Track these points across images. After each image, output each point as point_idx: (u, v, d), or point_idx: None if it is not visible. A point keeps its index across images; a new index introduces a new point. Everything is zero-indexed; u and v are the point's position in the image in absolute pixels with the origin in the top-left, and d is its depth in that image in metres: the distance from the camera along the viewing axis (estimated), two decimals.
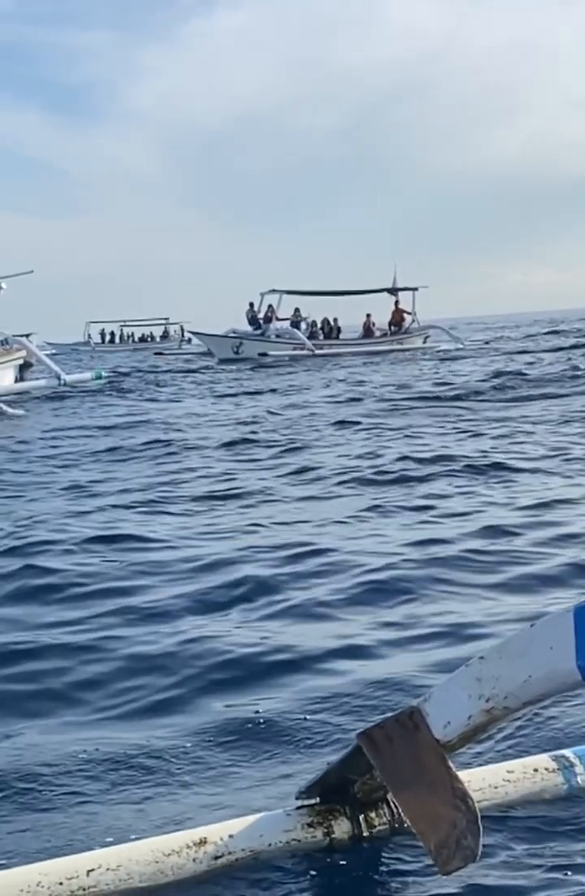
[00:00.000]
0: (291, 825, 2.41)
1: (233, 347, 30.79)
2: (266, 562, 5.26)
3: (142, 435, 12.08)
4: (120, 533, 6.12)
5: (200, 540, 5.95)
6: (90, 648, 4.00)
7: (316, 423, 12.46)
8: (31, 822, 2.67)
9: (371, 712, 3.22)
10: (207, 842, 2.35)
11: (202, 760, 3.04)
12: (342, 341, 33.52)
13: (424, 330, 34.63)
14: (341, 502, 7.11)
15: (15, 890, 2.21)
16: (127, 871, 2.28)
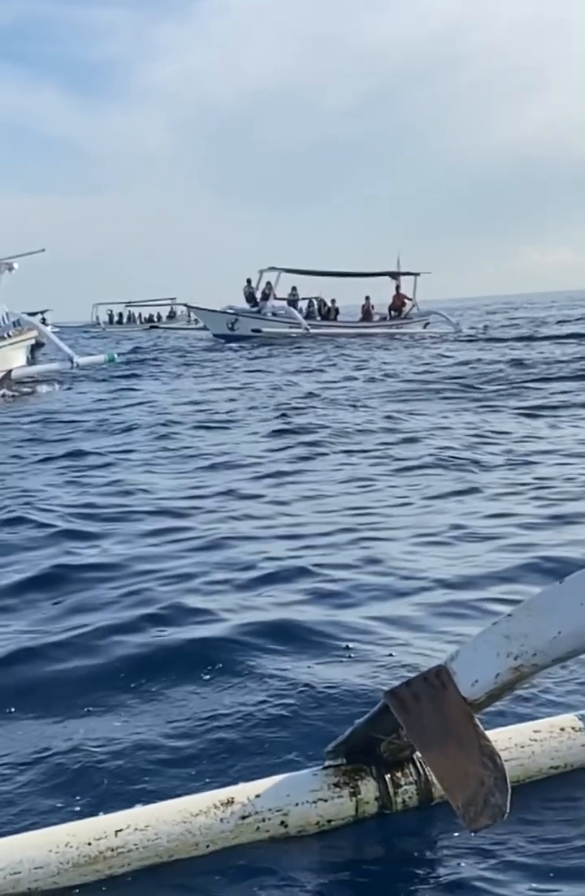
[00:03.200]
0: (317, 785, 2.36)
1: (228, 323, 30.39)
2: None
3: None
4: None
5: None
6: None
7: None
8: (61, 784, 2.63)
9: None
10: (234, 802, 2.30)
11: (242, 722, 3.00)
12: (339, 323, 32.79)
13: (424, 316, 34.03)
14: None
15: (43, 851, 2.16)
16: (155, 831, 2.23)
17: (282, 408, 11.97)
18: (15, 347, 18.09)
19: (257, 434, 9.91)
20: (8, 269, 17.80)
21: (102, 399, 14.50)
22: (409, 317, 33.29)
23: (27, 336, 18.35)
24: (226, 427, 10.63)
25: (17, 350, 18.18)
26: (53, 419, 11.98)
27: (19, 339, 18.15)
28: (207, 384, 16.37)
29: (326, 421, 10.54)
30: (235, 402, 13.15)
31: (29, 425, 11.45)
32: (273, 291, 31.36)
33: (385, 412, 11.14)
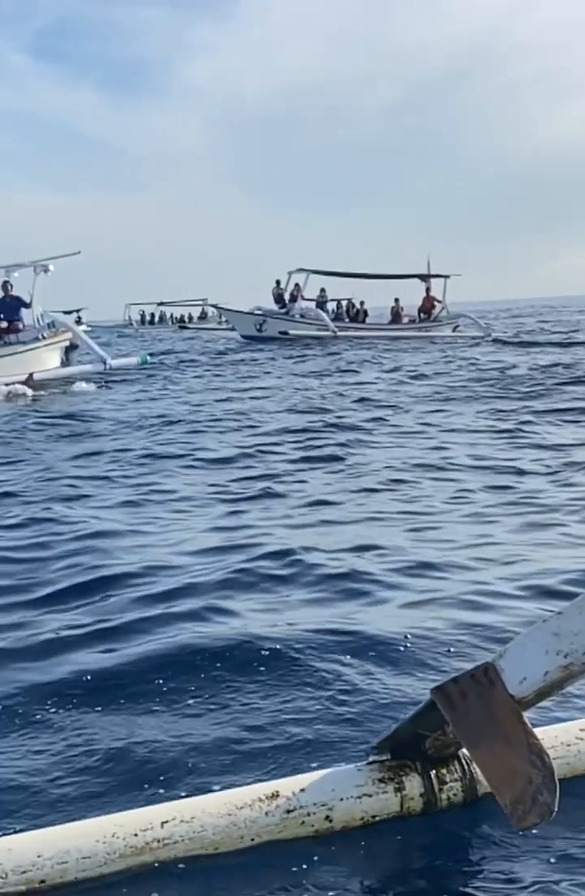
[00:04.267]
0: (362, 780, 2.34)
1: (256, 325, 30.31)
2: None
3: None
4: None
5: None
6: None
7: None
8: (107, 774, 2.63)
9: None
10: (279, 795, 2.29)
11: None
12: (368, 325, 32.57)
13: (454, 319, 33.71)
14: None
15: (91, 841, 2.16)
16: (200, 823, 2.22)
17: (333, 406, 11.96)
18: (49, 349, 18.14)
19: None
20: (43, 270, 17.87)
21: (139, 399, 14.52)
22: (438, 319, 32.96)
23: (62, 338, 18.37)
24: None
25: (52, 352, 18.22)
26: (96, 418, 12.02)
27: (54, 341, 18.18)
28: (248, 385, 16.26)
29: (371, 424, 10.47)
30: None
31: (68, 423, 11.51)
32: (301, 293, 31.24)
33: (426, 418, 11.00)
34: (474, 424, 10.19)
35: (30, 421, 11.64)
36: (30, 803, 2.52)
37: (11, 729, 2.96)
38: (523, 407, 11.53)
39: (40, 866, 2.11)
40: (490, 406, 11.80)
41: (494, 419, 10.57)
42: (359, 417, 11.06)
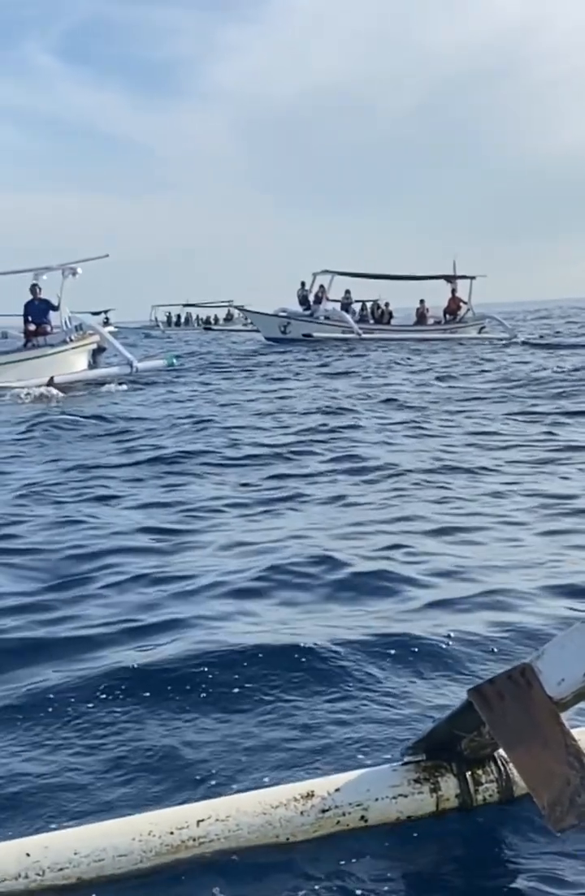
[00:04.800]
0: (397, 780, 2.33)
1: (280, 327, 30.21)
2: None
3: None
4: None
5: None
6: None
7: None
8: (142, 772, 2.64)
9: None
10: (314, 795, 2.28)
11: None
12: (393, 327, 32.31)
13: (479, 320, 33.40)
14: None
15: (127, 839, 2.16)
16: (236, 821, 2.22)
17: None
18: (77, 352, 18.20)
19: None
20: (72, 273, 17.91)
21: (167, 401, 14.54)
22: (464, 321, 32.69)
23: (89, 340, 18.42)
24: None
25: (79, 354, 18.28)
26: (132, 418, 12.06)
27: (81, 344, 18.24)
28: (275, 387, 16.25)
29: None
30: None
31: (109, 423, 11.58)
32: (326, 294, 31.11)
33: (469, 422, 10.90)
34: (503, 427, 10.12)
35: (60, 422, 11.70)
36: (66, 800, 2.54)
37: (48, 725, 2.98)
38: (554, 408, 11.43)
39: (77, 863, 2.12)
40: (519, 408, 11.71)
41: (524, 421, 10.49)
42: (386, 419, 11.02)
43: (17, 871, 2.08)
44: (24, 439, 10.39)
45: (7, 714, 3.07)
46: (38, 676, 3.36)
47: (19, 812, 2.49)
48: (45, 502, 6.68)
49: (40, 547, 5.35)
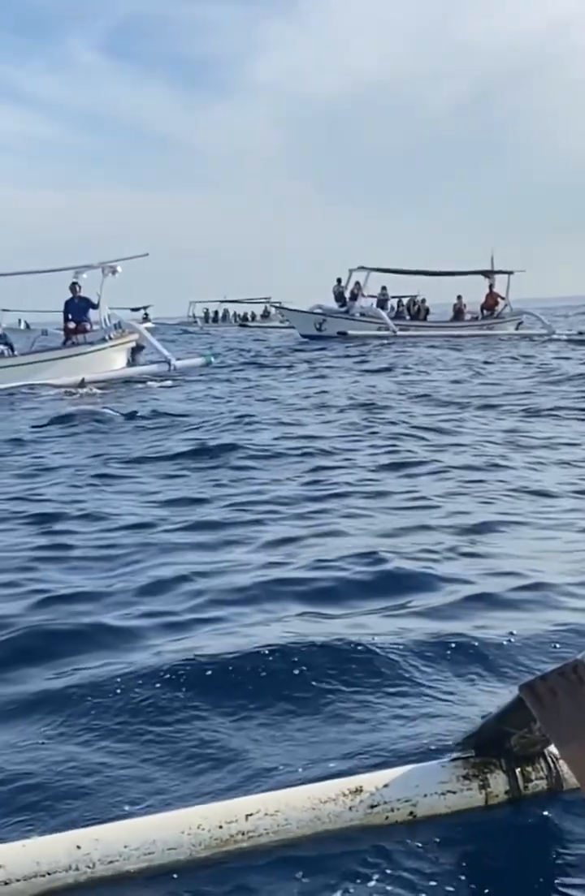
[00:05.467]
0: (446, 777, 2.31)
1: (315, 324, 30.04)
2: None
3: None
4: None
5: None
6: None
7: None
8: (191, 766, 2.64)
9: None
10: (362, 790, 2.27)
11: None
12: (429, 323, 31.97)
13: (517, 316, 32.98)
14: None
15: (176, 832, 2.17)
16: (285, 816, 2.22)
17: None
18: (116, 350, 18.28)
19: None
20: (111, 272, 17.97)
21: (207, 397, 14.54)
22: (501, 316, 32.32)
23: (128, 339, 18.49)
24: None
25: (118, 352, 18.35)
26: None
27: (120, 342, 18.31)
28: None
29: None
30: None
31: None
32: (362, 291, 30.94)
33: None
34: (544, 424, 10.01)
35: (100, 417, 11.77)
36: (116, 793, 2.55)
37: (98, 716, 2.99)
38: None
39: (127, 856, 2.13)
40: (560, 404, 11.59)
41: (567, 418, 10.38)
42: (424, 415, 10.95)
43: (67, 863, 2.09)
44: (66, 435, 10.48)
45: (58, 704, 3.10)
46: (91, 667, 3.38)
47: (70, 804, 2.51)
48: (90, 496, 6.74)
49: (88, 541, 5.40)
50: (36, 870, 2.07)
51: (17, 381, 16.21)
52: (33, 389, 15.96)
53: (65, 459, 8.66)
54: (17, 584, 4.57)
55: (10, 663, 3.49)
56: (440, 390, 13.89)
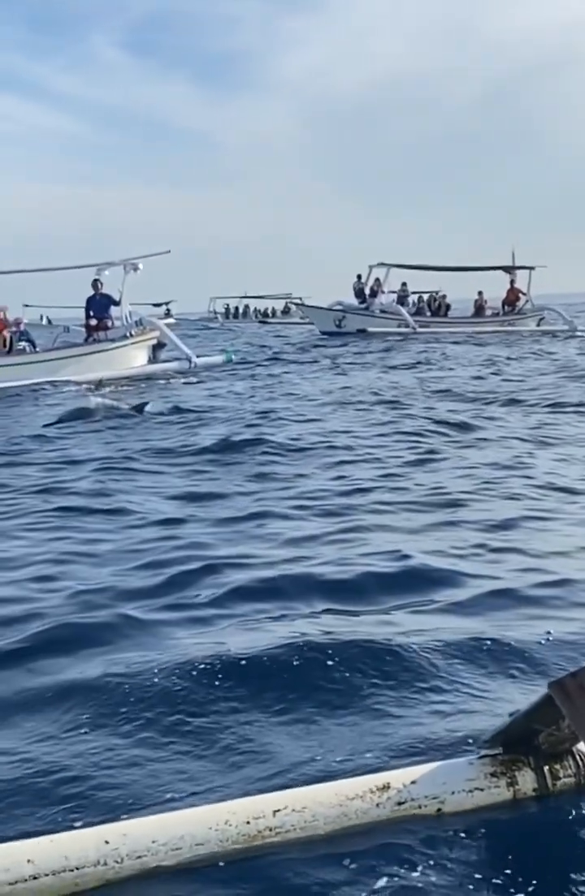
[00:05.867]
0: (474, 774, 2.30)
1: (335, 320, 29.95)
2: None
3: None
4: None
5: None
6: None
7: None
8: (219, 761, 2.64)
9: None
10: (390, 787, 2.26)
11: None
12: (450, 319, 31.64)
13: (538, 311, 32.70)
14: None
15: (204, 828, 2.17)
16: (312, 812, 2.22)
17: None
18: (137, 347, 18.30)
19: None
20: (133, 269, 18.01)
21: (231, 394, 14.51)
22: (523, 312, 32.10)
23: (149, 336, 18.51)
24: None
25: (140, 350, 18.38)
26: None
27: (141, 339, 18.34)
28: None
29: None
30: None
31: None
32: (382, 287, 30.81)
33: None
34: (568, 421, 9.94)
35: (123, 413, 11.79)
36: (145, 787, 2.55)
37: (122, 713, 3.00)
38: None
39: (155, 851, 2.13)
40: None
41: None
42: (449, 412, 10.88)
43: (96, 857, 2.10)
44: (88, 431, 10.52)
45: (89, 697, 3.11)
46: (121, 661, 3.38)
47: (99, 797, 2.51)
48: (116, 491, 6.76)
49: (116, 534, 5.42)
50: (64, 864, 2.08)
51: (40, 378, 16.27)
52: (55, 386, 16.03)
53: (89, 455, 8.69)
54: (49, 578, 4.59)
55: (43, 656, 3.50)
56: (463, 386, 13.82)
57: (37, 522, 5.90)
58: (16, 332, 17.92)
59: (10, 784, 2.62)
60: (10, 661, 3.47)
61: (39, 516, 6.06)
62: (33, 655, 3.51)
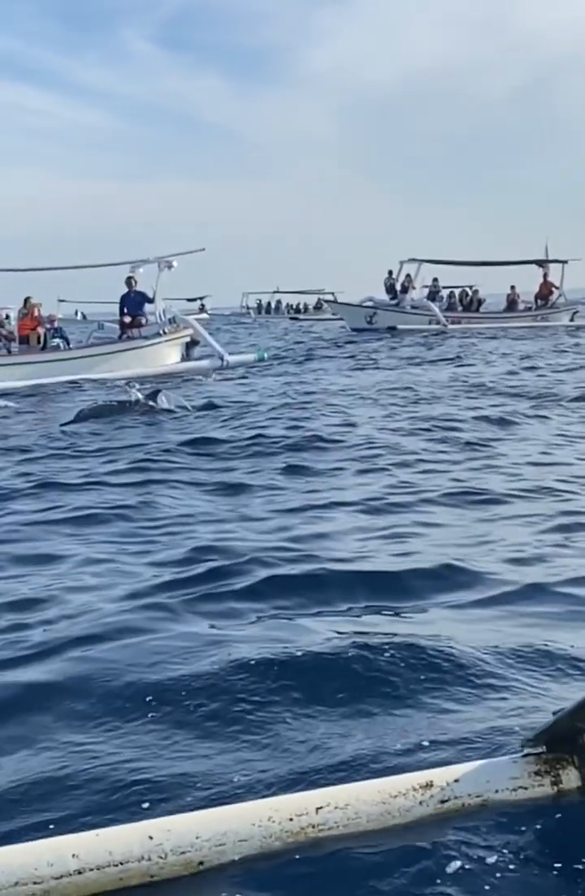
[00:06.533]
0: (517, 772, 2.29)
1: (366, 317, 29.89)
2: None
3: None
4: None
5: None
6: None
7: None
8: (264, 757, 2.65)
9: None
10: (433, 785, 2.25)
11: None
12: (482, 315, 31.44)
13: (572, 306, 32.36)
14: None
15: (247, 824, 2.17)
16: (355, 810, 2.21)
17: None
18: (170, 345, 18.35)
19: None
20: (167, 267, 18.06)
21: (264, 392, 14.50)
22: (556, 306, 31.80)
23: (182, 334, 18.54)
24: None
25: (173, 347, 18.43)
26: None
27: (175, 337, 18.38)
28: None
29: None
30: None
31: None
32: (413, 283, 30.66)
33: None
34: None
35: (159, 411, 11.85)
36: (189, 783, 2.56)
37: (170, 710, 3.01)
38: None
39: (199, 847, 2.13)
40: None
41: None
42: (491, 407, 10.79)
43: (140, 853, 2.11)
44: (120, 427, 10.57)
45: (143, 693, 3.12)
46: (171, 658, 3.38)
47: (143, 793, 2.52)
48: (154, 486, 6.81)
49: (158, 529, 5.47)
50: (109, 859, 2.09)
51: (73, 375, 16.35)
52: (88, 383, 16.11)
53: (124, 450, 8.73)
54: (97, 575, 4.62)
55: (97, 653, 3.51)
56: (499, 382, 13.71)
57: (73, 519, 5.93)
58: (49, 328, 18.04)
59: (46, 778, 2.64)
60: (63, 654, 3.50)
61: (68, 511, 6.08)
62: (82, 647, 3.54)
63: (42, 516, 6.05)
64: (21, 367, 16.64)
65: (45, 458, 8.58)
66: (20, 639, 3.72)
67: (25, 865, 2.03)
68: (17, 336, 17.79)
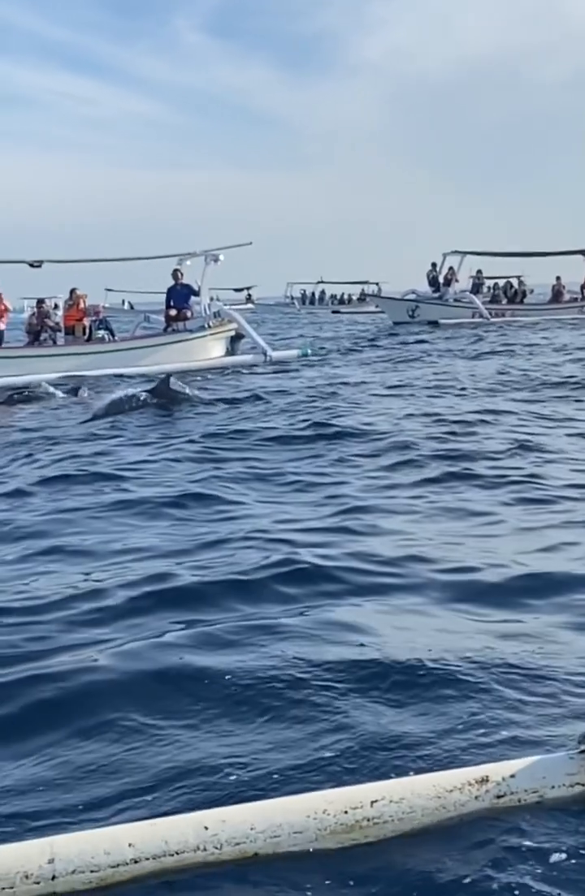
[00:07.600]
0: (574, 769, 2.26)
1: (408, 311, 29.61)
2: None
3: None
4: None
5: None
6: None
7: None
8: (319, 750, 2.64)
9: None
10: (488, 780, 2.23)
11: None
12: (526, 307, 30.97)
13: None
14: None
15: (302, 816, 2.16)
16: (409, 804, 2.20)
17: None
18: (215, 338, 18.30)
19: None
20: (213, 260, 18.01)
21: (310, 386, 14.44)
22: None
23: (227, 328, 18.47)
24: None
25: (217, 341, 18.39)
26: None
27: (219, 331, 18.32)
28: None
29: None
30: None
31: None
32: (456, 276, 30.34)
33: None
34: None
35: (206, 403, 11.88)
36: (244, 776, 2.55)
37: (224, 703, 3.01)
38: None
39: (253, 839, 2.13)
40: None
41: None
42: (540, 403, 10.62)
43: (195, 843, 2.11)
44: (163, 420, 10.62)
45: (192, 687, 3.13)
46: (227, 653, 3.40)
47: (198, 784, 2.53)
48: (202, 479, 6.81)
49: (208, 522, 5.51)
50: (164, 849, 2.09)
51: (118, 367, 16.36)
52: (133, 375, 16.12)
53: (169, 441, 8.77)
54: (136, 571, 4.63)
55: (147, 651, 3.52)
56: (549, 376, 13.49)
57: (122, 512, 5.95)
58: (95, 320, 18.09)
59: (98, 767, 2.65)
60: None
61: (117, 505, 6.12)
62: (130, 642, 3.56)
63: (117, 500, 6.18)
64: (66, 358, 16.71)
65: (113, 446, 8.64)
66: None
67: (82, 854, 2.05)
68: (63, 327, 17.89)
